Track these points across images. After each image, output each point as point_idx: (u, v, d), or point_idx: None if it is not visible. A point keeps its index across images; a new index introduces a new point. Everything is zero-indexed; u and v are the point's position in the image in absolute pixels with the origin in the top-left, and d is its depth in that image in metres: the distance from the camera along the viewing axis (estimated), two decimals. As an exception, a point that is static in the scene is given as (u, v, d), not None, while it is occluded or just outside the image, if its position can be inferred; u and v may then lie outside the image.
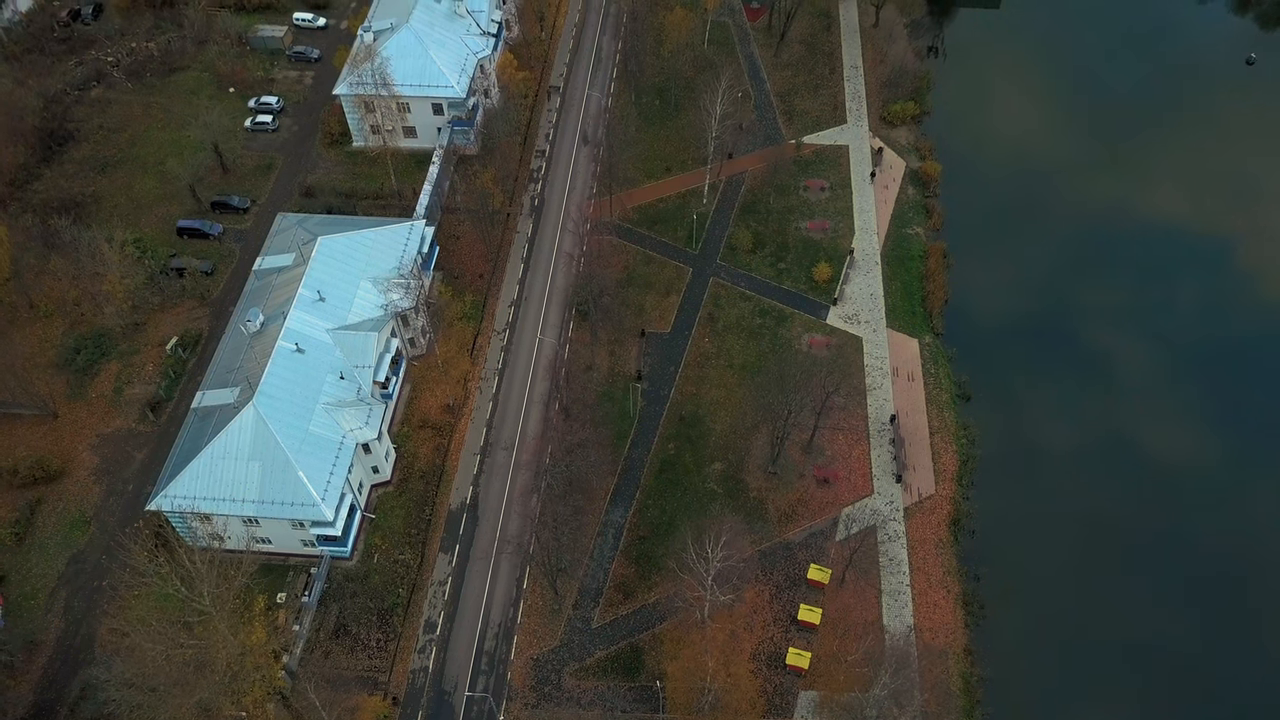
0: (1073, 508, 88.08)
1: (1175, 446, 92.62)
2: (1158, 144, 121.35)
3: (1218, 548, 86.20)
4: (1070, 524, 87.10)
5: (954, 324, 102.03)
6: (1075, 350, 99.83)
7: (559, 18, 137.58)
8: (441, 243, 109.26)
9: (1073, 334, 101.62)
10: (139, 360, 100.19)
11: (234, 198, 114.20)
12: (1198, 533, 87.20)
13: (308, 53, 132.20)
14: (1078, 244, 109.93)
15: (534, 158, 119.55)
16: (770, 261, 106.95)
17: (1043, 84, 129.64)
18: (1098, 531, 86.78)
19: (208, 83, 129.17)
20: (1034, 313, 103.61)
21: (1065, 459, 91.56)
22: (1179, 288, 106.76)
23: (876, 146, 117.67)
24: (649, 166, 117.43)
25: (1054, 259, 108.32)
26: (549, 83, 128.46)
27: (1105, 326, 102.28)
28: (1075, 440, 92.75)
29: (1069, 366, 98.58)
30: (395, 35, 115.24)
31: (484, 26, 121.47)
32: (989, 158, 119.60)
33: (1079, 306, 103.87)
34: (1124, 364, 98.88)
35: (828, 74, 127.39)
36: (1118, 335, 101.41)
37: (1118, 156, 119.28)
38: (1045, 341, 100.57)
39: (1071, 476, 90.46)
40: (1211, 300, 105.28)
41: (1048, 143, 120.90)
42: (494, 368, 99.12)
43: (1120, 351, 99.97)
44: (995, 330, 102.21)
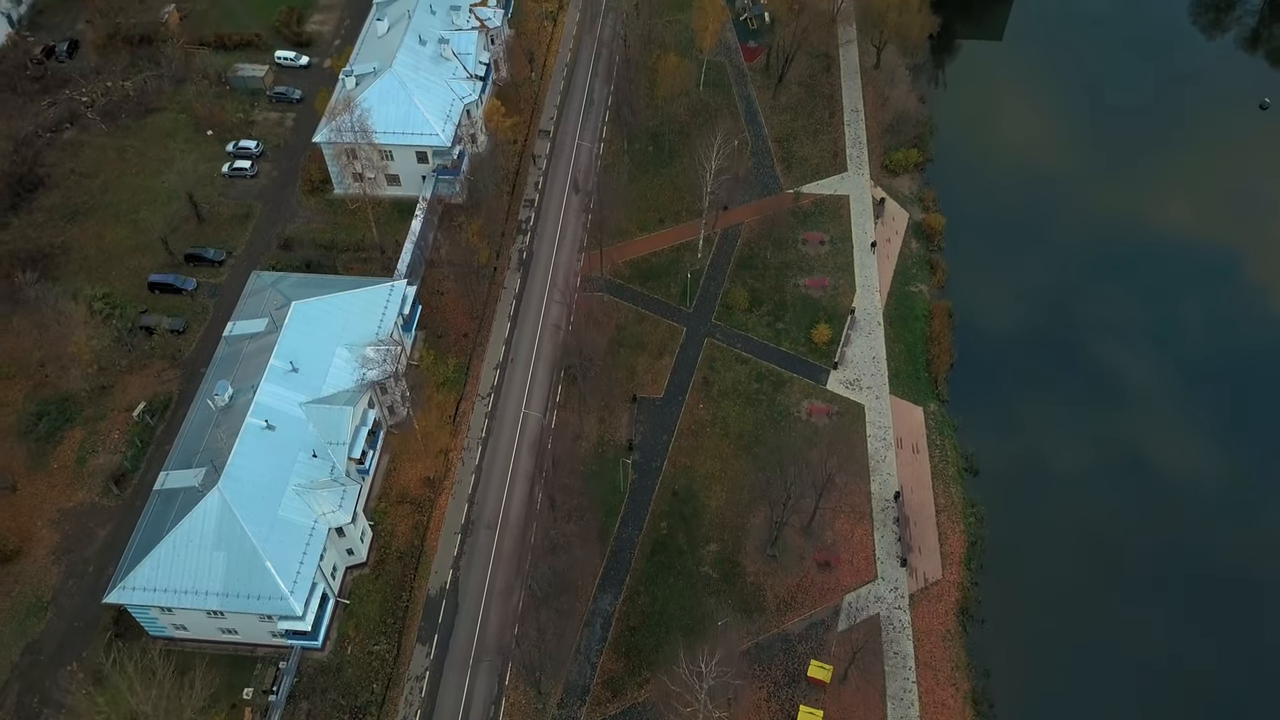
0: (1086, 596, 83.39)
1: (1199, 528, 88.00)
2: (1171, 194, 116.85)
3: (1260, 641, 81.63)
4: (1084, 613, 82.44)
5: (959, 389, 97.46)
6: (1088, 421, 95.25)
7: (549, 57, 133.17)
8: (424, 298, 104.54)
9: (1085, 402, 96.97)
10: (104, 427, 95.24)
11: (209, 250, 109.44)
12: (1229, 621, 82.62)
13: (289, 93, 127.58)
14: (1087, 303, 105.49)
15: (522, 207, 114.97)
16: (767, 321, 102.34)
17: (1048, 127, 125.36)
18: (1115, 623, 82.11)
19: (185, 125, 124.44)
20: (1042, 377, 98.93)
21: (1076, 540, 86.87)
22: (1197, 344, 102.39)
23: (879, 197, 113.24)
24: (642, 218, 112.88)
25: (1062, 320, 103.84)
26: (539, 127, 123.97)
27: (1119, 393, 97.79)
28: (1088, 520, 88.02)
29: (1079, 438, 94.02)
30: (378, 80, 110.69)
31: (471, 70, 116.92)
32: (994, 207, 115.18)
33: (1090, 372, 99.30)
34: (1141, 435, 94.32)
35: (827, 118, 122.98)
36: (1133, 402, 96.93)
37: (1127, 208, 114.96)
38: (1054, 409, 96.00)
39: (1085, 561, 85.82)
40: (1233, 359, 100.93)
41: (1054, 192, 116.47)
42: (477, 436, 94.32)
43: (1137, 420, 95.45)
44: (1002, 396, 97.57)
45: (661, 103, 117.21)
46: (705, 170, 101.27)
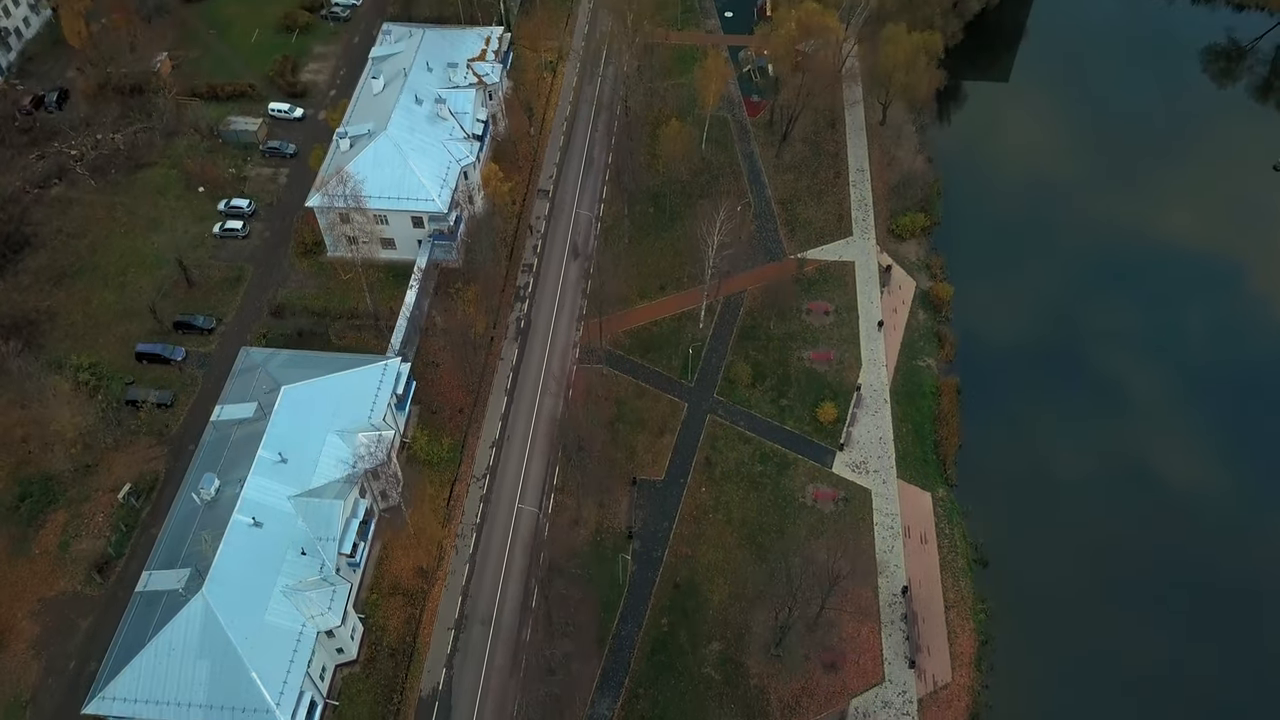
0: (1104, 705, 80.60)
1: (1224, 617, 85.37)
2: (1190, 264, 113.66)
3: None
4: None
5: (968, 473, 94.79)
6: (1100, 508, 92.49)
7: (549, 110, 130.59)
8: (419, 370, 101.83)
9: (1097, 488, 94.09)
10: (88, 509, 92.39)
11: (198, 317, 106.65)
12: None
13: (282, 148, 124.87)
14: (1098, 379, 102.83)
15: (520, 272, 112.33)
16: (771, 397, 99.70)
17: (1056, 188, 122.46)
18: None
19: (176, 181, 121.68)
20: (1052, 459, 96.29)
21: (1092, 639, 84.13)
22: (1217, 416, 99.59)
23: (885, 264, 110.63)
24: (643, 284, 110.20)
25: (1072, 398, 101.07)
26: (537, 186, 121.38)
27: (1132, 476, 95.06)
28: (1103, 618, 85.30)
29: (1090, 526, 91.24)
30: (373, 143, 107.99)
31: (468, 129, 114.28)
32: (1003, 275, 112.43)
33: (1104, 455, 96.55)
34: (1155, 527, 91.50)
35: (832, 178, 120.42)
36: (1145, 488, 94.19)
37: (1140, 279, 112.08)
38: (1064, 495, 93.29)
39: (1098, 662, 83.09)
40: (1255, 429, 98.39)
41: (1063, 261, 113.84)
42: (471, 522, 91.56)
43: (1150, 510, 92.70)
44: (1011, 480, 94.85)
45: (663, 168, 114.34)
46: (707, 245, 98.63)
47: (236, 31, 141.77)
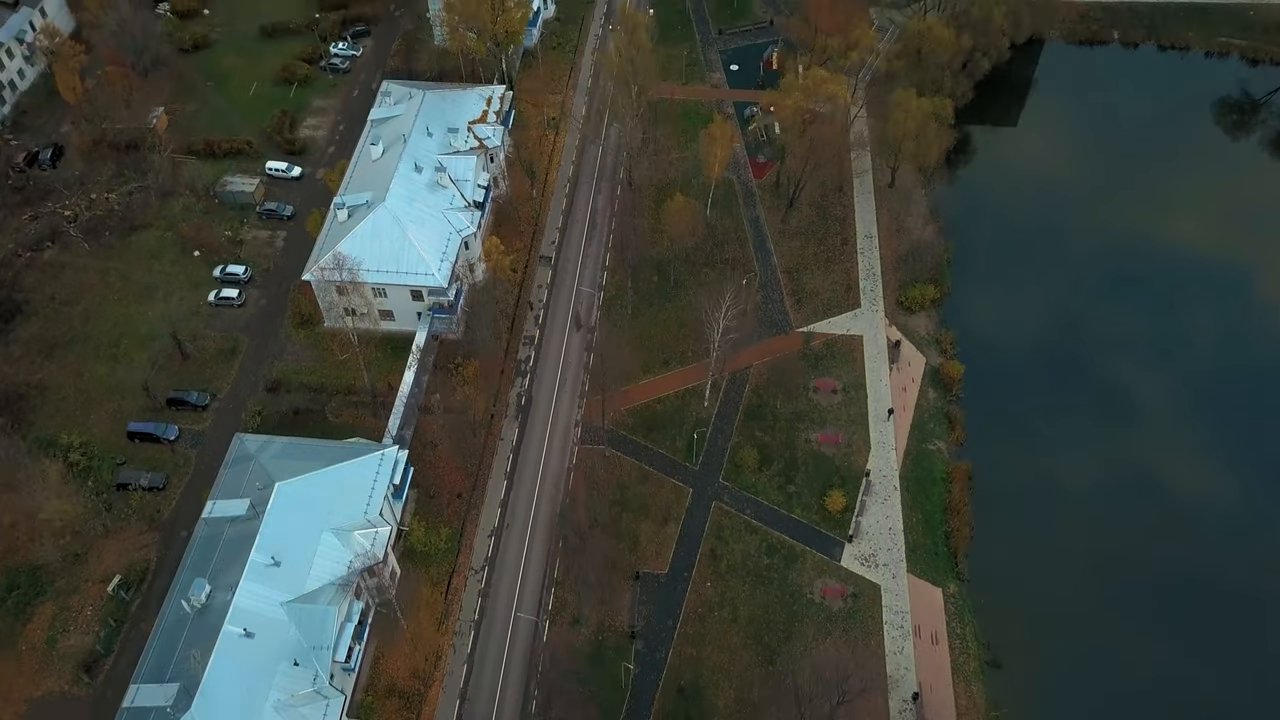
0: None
1: None
2: (1211, 335, 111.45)
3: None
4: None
5: (980, 566, 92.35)
6: (1116, 605, 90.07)
7: (551, 170, 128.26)
8: (417, 451, 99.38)
9: (1117, 581, 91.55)
10: (77, 602, 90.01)
11: (192, 393, 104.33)
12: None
13: (280, 210, 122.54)
14: (1114, 462, 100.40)
15: (522, 345, 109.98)
16: (778, 483, 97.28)
17: (1069, 249, 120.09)
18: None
19: (171, 244, 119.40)
20: (1066, 551, 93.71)
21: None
22: (1243, 503, 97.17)
23: (894, 339, 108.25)
24: (646, 358, 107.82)
25: (1088, 484, 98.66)
26: (539, 251, 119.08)
27: (1153, 567, 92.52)
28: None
29: (1111, 625, 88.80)
30: (371, 215, 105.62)
31: (469, 197, 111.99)
32: (1014, 350, 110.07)
33: (1120, 548, 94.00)
34: (1182, 626, 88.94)
35: (840, 245, 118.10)
36: (1171, 583, 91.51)
37: (1158, 353, 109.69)
38: (1081, 591, 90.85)
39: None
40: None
41: (1078, 334, 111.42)
42: (470, 618, 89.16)
43: (1177, 608, 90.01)
44: (1025, 575, 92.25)
45: (668, 242, 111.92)
46: (712, 328, 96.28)
47: (235, 84, 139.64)
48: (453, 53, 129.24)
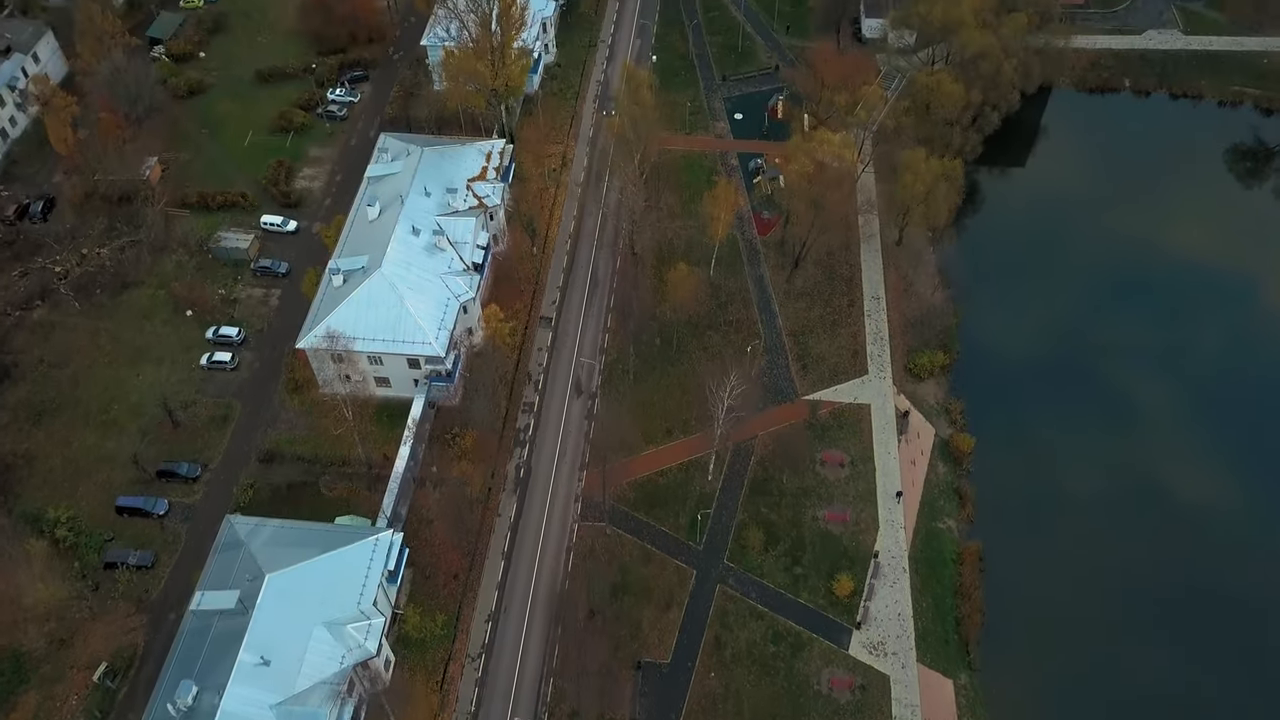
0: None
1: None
2: (1236, 402, 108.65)
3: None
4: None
5: (992, 654, 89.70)
6: (1139, 692, 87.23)
7: (552, 225, 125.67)
8: (412, 527, 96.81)
9: (1133, 671, 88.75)
10: (61, 690, 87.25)
11: (182, 465, 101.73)
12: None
13: (275, 267, 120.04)
14: (1133, 545, 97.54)
15: (521, 412, 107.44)
16: (784, 564, 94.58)
17: (1081, 307, 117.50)
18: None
19: (163, 303, 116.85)
20: (1080, 638, 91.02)
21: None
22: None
23: (903, 409, 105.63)
24: (648, 427, 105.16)
25: (1103, 566, 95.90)
26: (539, 312, 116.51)
27: (1176, 650, 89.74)
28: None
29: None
30: (367, 281, 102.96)
31: (468, 259, 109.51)
32: (1026, 420, 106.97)
33: (1141, 633, 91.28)
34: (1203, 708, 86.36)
35: (846, 306, 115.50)
36: (1192, 672, 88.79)
37: (1178, 418, 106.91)
38: (1096, 682, 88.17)
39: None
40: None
41: (1093, 398, 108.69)
42: (466, 709, 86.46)
43: (1202, 695, 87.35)
44: (1038, 664, 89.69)
45: (671, 311, 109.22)
46: (717, 406, 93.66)
47: (230, 132, 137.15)
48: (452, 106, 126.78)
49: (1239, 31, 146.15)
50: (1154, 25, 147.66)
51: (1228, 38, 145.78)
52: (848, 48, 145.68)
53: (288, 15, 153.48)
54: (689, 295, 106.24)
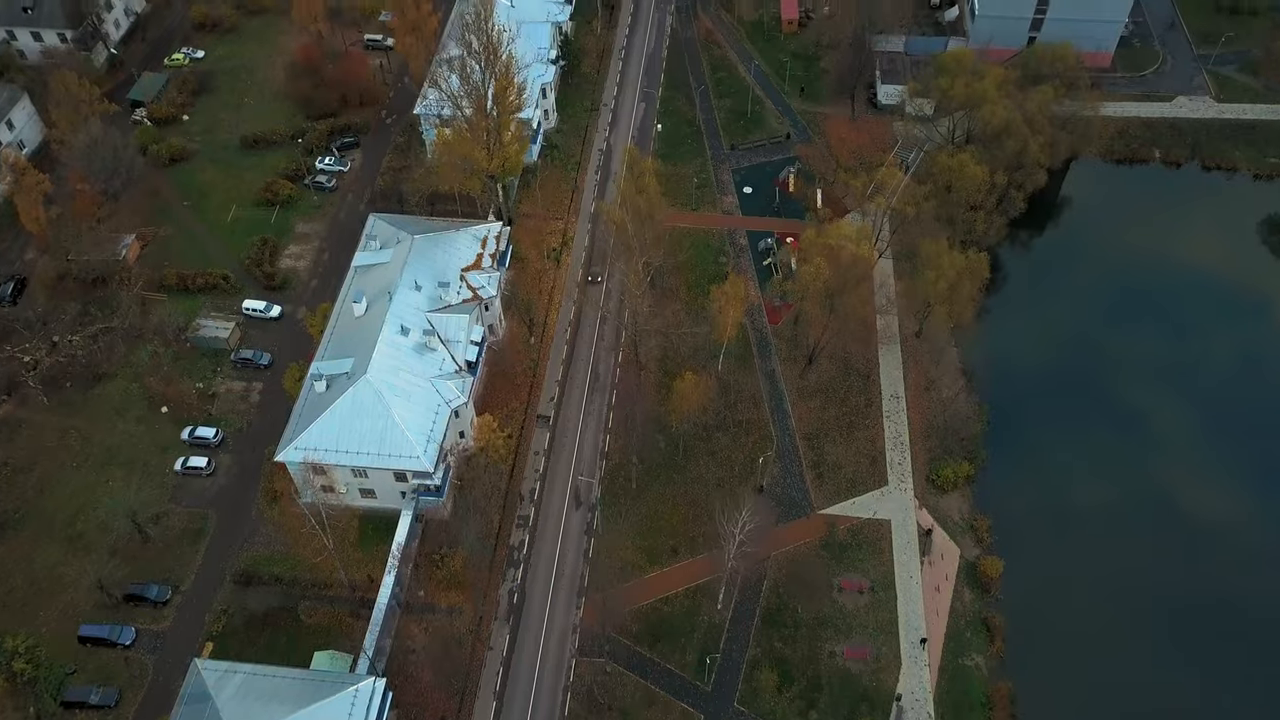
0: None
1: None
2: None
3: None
4: None
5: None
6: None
7: (551, 311, 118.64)
8: (396, 660, 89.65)
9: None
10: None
11: (151, 587, 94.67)
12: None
13: (256, 358, 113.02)
14: (1178, 683, 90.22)
15: (515, 526, 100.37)
16: (800, 708, 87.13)
17: (1116, 405, 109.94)
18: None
19: (137, 398, 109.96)
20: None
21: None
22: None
23: (926, 527, 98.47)
24: (652, 545, 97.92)
25: (1145, 711, 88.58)
26: (536, 410, 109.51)
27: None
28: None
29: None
30: (351, 387, 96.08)
31: (460, 359, 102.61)
32: (1058, 537, 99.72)
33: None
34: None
35: (864, 406, 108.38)
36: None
37: (1228, 531, 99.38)
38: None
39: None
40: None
41: (1129, 509, 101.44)
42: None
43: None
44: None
45: (676, 424, 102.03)
46: (729, 542, 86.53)
47: (213, 204, 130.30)
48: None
49: (1273, 99, 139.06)
50: (1185, 91, 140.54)
51: (1262, 105, 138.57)
52: (862, 114, 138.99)
53: (276, 75, 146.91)
54: (696, 405, 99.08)
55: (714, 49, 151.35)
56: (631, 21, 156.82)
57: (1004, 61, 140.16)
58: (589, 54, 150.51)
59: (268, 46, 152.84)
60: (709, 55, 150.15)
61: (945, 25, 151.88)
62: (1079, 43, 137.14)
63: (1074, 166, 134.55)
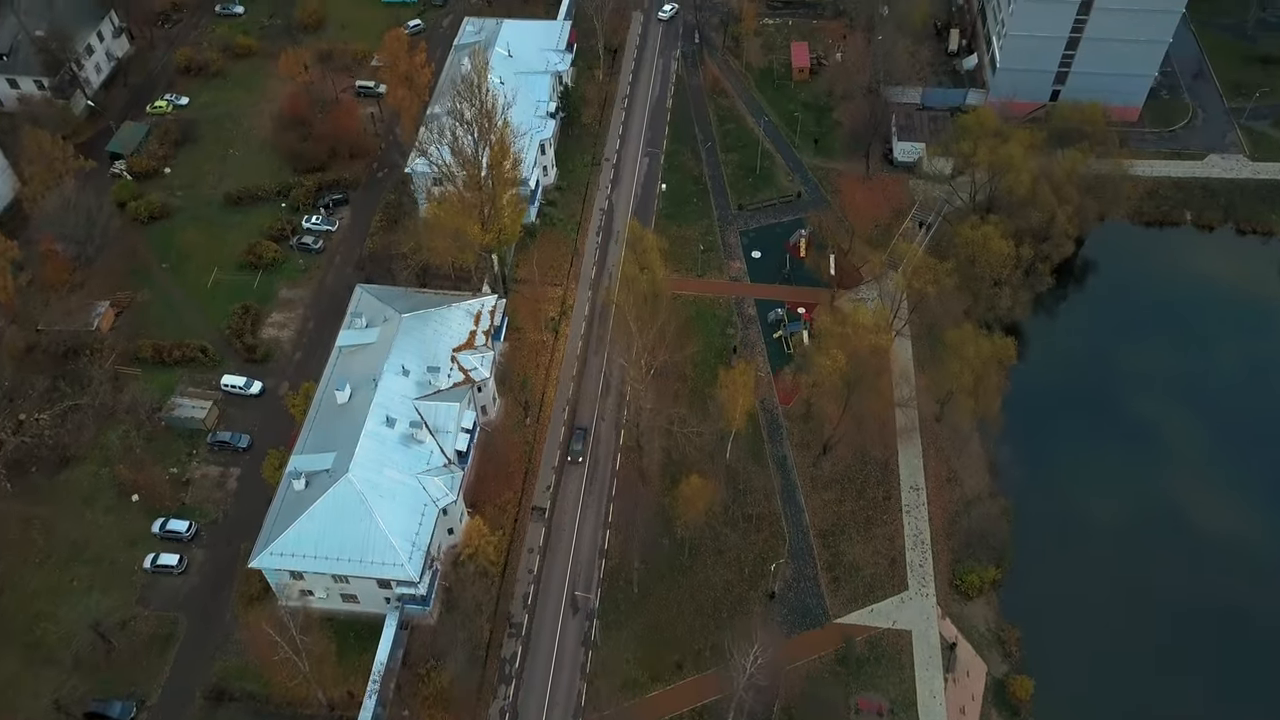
0: None
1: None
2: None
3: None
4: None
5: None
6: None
7: (549, 387, 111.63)
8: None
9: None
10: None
11: (114, 704, 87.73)
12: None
13: (235, 440, 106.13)
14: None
15: (507, 637, 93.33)
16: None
17: (1153, 494, 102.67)
18: None
19: (106, 485, 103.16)
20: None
21: None
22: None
23: (950, 638, 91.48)
24: (655, 659, 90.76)
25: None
26: (531, 502, 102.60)
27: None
28: None
29: None
30: (333, 488, 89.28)
31: (450, 451, 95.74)
32: (1093, 646, 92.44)
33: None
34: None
35: (882, 499, 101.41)
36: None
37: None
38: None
39: None
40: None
41: (1183, 622, 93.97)
42: None
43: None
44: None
45: (682, 531, 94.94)
46: (739, 674, 79.54)
47: (194, 266, 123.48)
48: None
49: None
50: (1217, 148, 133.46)
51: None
52: (877, 171, 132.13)
53: (263, 123, 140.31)
54: (703, 510, 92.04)
55: (721, 98, 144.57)
56: (635, 67, 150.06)
57: (1026, 116, 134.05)
58: (590, 103, 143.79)
59: (255, 92, 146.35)
60: (716, 105, 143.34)
61: (963, 74, 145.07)
62: (1106, 96, 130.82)
63: (1100, 229, 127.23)
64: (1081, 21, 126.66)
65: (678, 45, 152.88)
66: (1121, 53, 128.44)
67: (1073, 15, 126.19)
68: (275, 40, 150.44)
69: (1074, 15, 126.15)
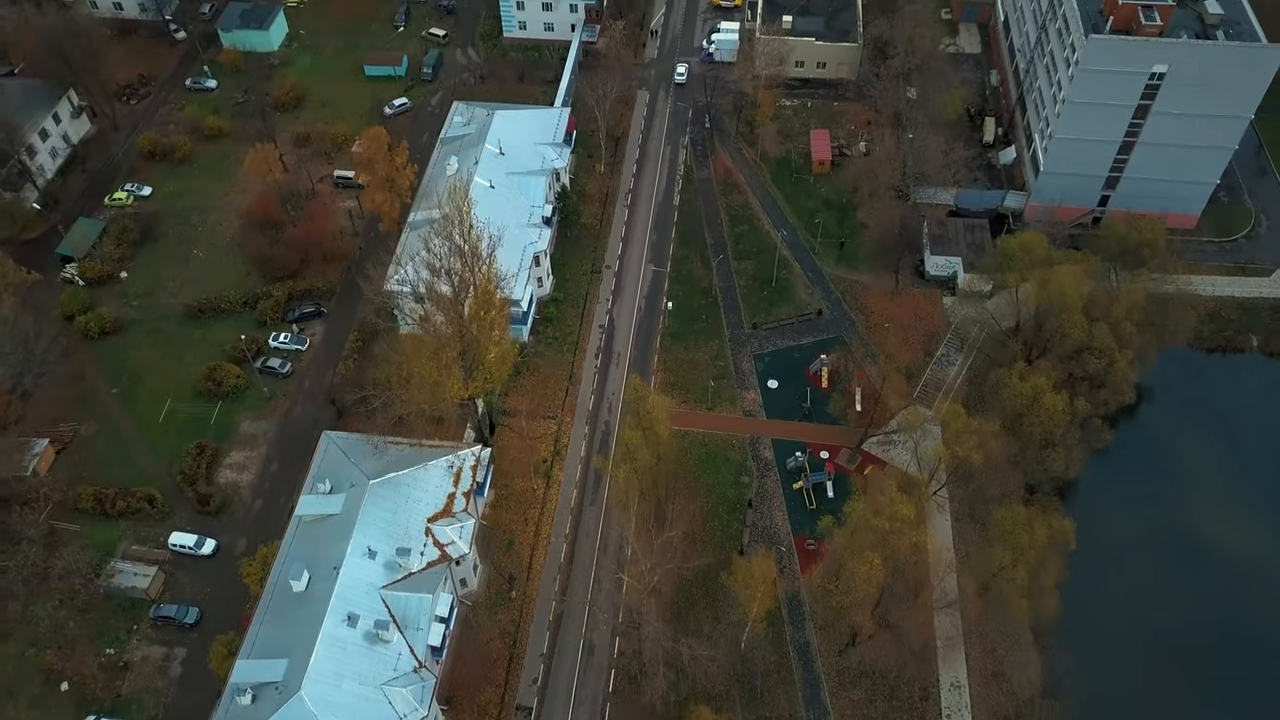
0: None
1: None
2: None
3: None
4: None
5: None
6: None
7: (538, 548, 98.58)
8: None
9: None
10: None
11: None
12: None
13: (181, 615, 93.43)
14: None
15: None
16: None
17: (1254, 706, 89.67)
18: None
19: (32, 673, 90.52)
20: None
21: None
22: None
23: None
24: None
25: None
26: (515, 699, 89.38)
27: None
28: None
29: None
30: (284, 707, 76.31)
31: (420, 651, 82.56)
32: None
33: None
34: None
35: (918, 700, 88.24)
36: None
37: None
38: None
39: None
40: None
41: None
42: None
43: None
44: None
45: None
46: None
47: (146, 391, 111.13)
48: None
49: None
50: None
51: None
52: (906, 286, 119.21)
53: (231, 219, 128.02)
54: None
55: (733, 193, 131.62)
56: (640, 156, 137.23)
57: (1072, 222, 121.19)
58: (591, 199, 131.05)
59: (224, 181, 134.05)
60: (728, 202, 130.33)
61: (1000, 169, 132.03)
62: (1161, 204, 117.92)
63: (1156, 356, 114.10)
64: (1137, 125, 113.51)
65: (686, 132, 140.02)
66: (1181, 159, 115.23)
67: (1128, 119, 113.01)
68: (248, 121, 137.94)
69: (1129, 119, 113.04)
